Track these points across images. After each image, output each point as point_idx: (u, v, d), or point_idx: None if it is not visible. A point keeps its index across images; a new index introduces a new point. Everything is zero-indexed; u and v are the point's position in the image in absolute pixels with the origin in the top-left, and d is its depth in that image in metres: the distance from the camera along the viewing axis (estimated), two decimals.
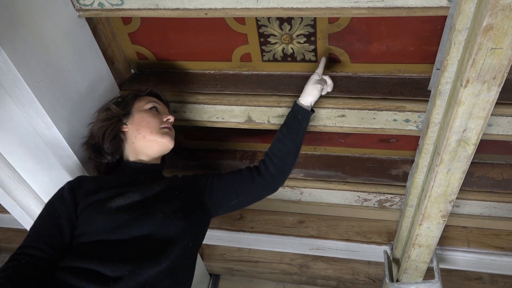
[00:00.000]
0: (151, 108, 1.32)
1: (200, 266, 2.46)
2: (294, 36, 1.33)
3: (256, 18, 1.30)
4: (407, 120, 1.34)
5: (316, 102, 1.36)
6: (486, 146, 1.57)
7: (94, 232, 1.09)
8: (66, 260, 1.06)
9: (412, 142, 1.60)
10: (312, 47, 1.35)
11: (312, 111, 1.32)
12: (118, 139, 1.29)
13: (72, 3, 1.26)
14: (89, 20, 1.36)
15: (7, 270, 1.00)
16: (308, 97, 1.29)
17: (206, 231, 1.34)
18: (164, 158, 1.40)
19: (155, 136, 1.26)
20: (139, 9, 1.22)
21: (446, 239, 1.82)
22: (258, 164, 1.36)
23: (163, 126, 1.29)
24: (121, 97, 1.37)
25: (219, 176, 1.35)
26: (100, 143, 1.28)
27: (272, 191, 1.36)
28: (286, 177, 1.36)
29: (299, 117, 1.30)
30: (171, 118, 1.33)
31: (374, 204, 1.81)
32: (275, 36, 1.34)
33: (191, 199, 1.27)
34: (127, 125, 1.29)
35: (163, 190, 1.24)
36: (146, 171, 1.30)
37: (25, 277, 1.00)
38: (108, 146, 1.27)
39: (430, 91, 1.22)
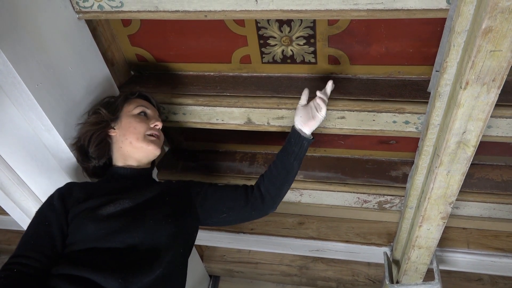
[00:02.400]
0: (139, 113, 1.30)
1: (200, 268, 2.46)
2: (293, 38, 1.33)
3: (255, 20, 1.31)
4: (406, 122, 1.34)
5: None
6: (485, 147, 1.57)
7: (86, 240, 1.09)
8: (60, 268, 1.05)
9: (411, 144, 1.60)
10: (312, 49, 1.35)
11: (312, 138, 1.27)
12: (104, 144, 1.28)
13: (72, 5, 1.26)
14: (89, 22, 1.36)
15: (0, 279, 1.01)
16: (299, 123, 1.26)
17: (195, 238, 1.33)
18: (153, 161, 1.40)
19: (141, 143, 1.25)
20: (138, 11, 1.22)
21: (446, 241, 1.82)
22: (255, 183, 1.35)
23: (149, 132, 1.27)
24: (111, 99, 1.36)
25: (214, 186, 1.34)
26: (86, 147, 1.28)
27: (262, 214, 1.34)
28: (275, 202, 1.34)
29: (292, 140, 1.27)
30: (159, 125, 1.31)
31: (374, 206, 1.81)
32: (275, 38, 1.34)
33: (182, 204, 1.27)
34: (114, 129, 1.28)
35: (154, 196, 1.23)
36: (136, 177, 1.29)
37: (16, 286, 1.00)
38: (94, 150, 1.27)
39: (429, 93, 1.22)
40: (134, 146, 1.26)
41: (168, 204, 1.23)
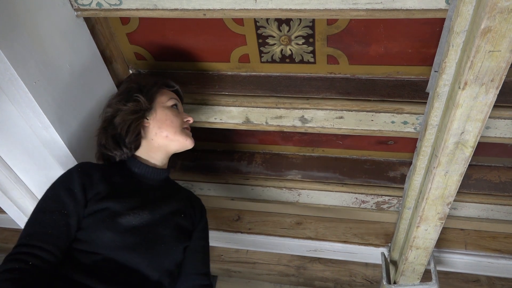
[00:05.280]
0: (172, 106, 1.27)
1: None
2: (292, 37, 1.33)
3: (254, 19, 1.30)
4: (405, 122, 1.34)
5: (315, 104, 1.36)
6: (484, 148, 1.57)
7: (98, 246, 1.05)
8: (66, 267, 1.02)
9: (410, 144, 1.60)
10: (311, 48, 1.35)
11: None
12: (140, 135, 1.23)
13: (70, 3, 1.26)
14: (87, 20, 1.35)
15: (13, 271, 0.94)
16: None
17: None
18: (169, 160, 1.35)
19: (178, 136, 1.22)
20: (137, 9, 1.21)
21: (443, 241, 1.82)
22: None
23: (184, 126, 1.26)
24: (143, 85, 1.28)
25: (198, 247, 1.30)
26: (123, 136, 1.20)
27: None
28: None
29: None
30: (191, 120, 1.30)
31: (371, 206, 1.80)
32: (274, 37, 1.34)
33: (190, 229, 1.28)
34: (148, 119, 1.23)
35: (171, 213, 1.22)
36: (157, 179, 1.26)
37: (31, 283, 0.94)
38: (131, 141, 1.20)
39: (428, 93, 1.22)
40: (170, 139, 1.22)
41: (181, 226, 1.23)
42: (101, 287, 1.00)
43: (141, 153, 1.25)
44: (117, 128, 1.21)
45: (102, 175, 1.16)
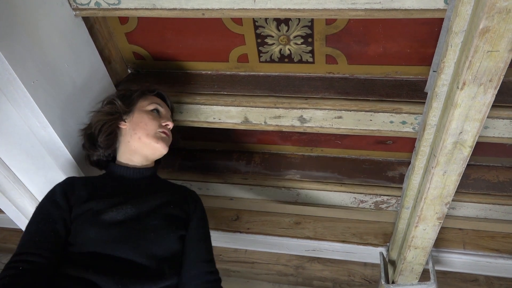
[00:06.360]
0: (152, 110, 1.29)
1: None
2: (291, 37, 1.33)
3: (253, 19, 1.30)
4: (403, 122, 1.34)
5: (313, 104, 1.36)
6: (482, 148, 1.57)
7: (87, 244, 1.08)
8: (63, 268, 1.05)
9: (408, 144, 1.60)
10: (309, 48, 1.35)
11: None
12: (113, 135, 1.27)
13: (69, 2, 1.25)
14: (86, 19, 1.35)
15: (3, 278, 0.98)
16: None
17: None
18: (158, 161, 1.39)
19: (150, 139, 1.23)
20: (136, 9, 1.21)
21: (442, 241, 1.82)
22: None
23: (160, 130, 1.26)
24: (128, 92, 1.34)
25: (199, 235, 1.28)
26: (96, 135, 1.27)
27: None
28: None
29: None
30: (170, 125, 1.30)
31: (370, 206, 1.81)
32: (272, 37, 1.34)
33: (183, 218, 1.26)
34: (125, 122, 1.27)
35: (158, 205, 1.22)
36: (139, 178, 1.28)
37: (23, 284, 0.98)
38: (103, 140, 1.25)
39: (426, 93, 1.22)
40: (142, 141, 1.24)
41: (172, 215, 1.22)
42: (98, 277, 1.02)
43: (121, 157, 1.29)
44: (91, 128, 1.28)
45: (84, 183, 1.22)
